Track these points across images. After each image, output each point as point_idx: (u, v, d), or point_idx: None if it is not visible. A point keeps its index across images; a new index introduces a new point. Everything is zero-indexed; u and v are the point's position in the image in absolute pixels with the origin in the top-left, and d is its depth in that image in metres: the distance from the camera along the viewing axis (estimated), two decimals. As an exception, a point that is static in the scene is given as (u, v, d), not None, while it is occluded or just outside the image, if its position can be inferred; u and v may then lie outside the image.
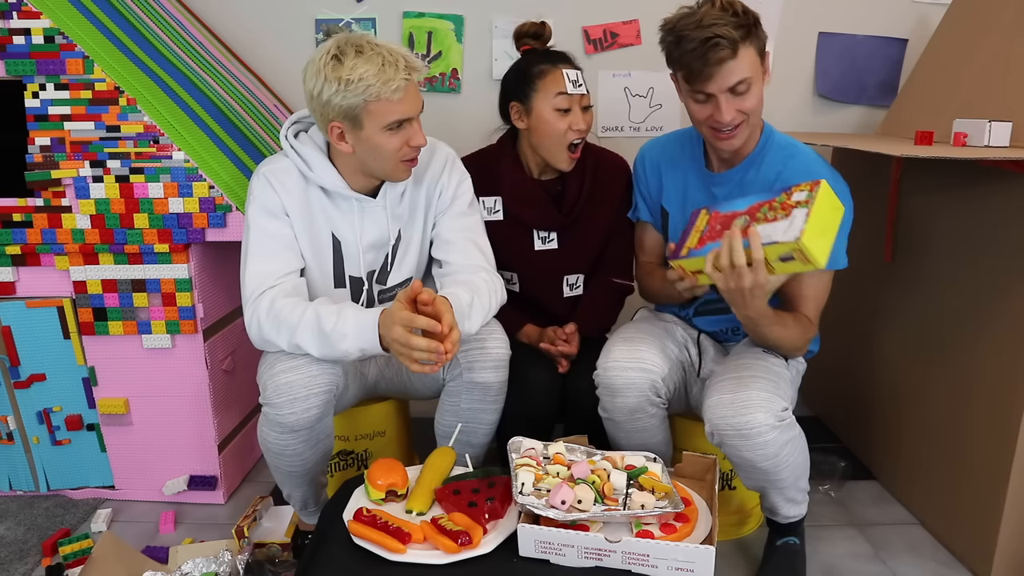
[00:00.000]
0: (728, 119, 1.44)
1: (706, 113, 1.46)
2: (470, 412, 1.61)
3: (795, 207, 1.29)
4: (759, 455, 1.40)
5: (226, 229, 1.76)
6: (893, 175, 1.95)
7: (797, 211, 1.28)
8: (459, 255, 1.61)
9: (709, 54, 1.37)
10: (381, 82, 1.37)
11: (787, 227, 1.27)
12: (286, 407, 1.43)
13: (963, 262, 1.71)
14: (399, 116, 1.42)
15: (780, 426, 1.40)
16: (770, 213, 1.33)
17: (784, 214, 1.30)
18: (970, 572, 1.69)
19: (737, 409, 1.39)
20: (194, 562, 1.53)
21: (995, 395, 1.60)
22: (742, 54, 1.39)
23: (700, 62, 1.39)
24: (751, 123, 1.49)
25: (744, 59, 1.40)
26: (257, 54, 2.31)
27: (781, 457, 1.42)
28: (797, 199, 1.30)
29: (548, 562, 1.26)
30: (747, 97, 1.44)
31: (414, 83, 1.43)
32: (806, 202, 1.28)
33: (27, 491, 1.98)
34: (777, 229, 1.29)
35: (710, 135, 1.51)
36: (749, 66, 1.41)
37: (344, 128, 1.44)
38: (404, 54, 1.41)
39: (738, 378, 1.46)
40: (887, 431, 2.02)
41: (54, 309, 1.83)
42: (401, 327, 1.33)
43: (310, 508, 1.71)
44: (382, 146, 1.44)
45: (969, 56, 1.88)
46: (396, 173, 1.51)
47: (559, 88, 1.70)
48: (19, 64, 1.68)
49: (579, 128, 1.71)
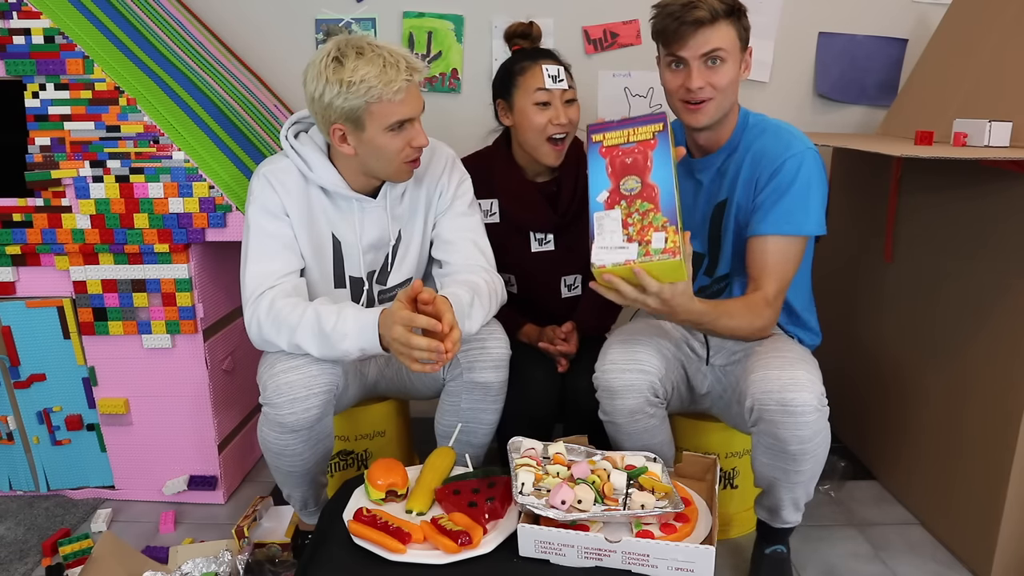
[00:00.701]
0: (696, 85, 1.46)
1: (678, 81, 1.49)
2: (470, 412, 1.61)
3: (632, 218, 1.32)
4: (795, 435, 1.39)
5: (226, 229, 1.76)
6: (893, 175, 1.95)
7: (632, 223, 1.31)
8: (459, 255, 1.61)
9: (686, 14, 1.43)
10: (383, 83, 1.37)
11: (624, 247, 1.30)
12: (286, 407, 1.43)
13: (963, 262, 1.71)
14: (401, 117, 1.42)
15: (821, 410, 1.39)
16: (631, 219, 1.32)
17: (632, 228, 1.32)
18: (970, 572, 1.69)
19: (784, 385, 1.38)
20: (194, 562, 1.53)
21: (995, 395, 1.60)
22: (720, 26, 1.44)
23: (677, 22, 1.44)
24: (721, 103, 1.50)
25: (721, 31, 1.45)
26: (257, 54, 2.31)
27: (813, 444, 1.41)
28: (629, 188, 1.34)
29: (548, 562, 1.26)
30: (720, 71, 1.46)
31: (415, 84, 1.43)
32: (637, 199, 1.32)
33: (27, 491, 1.98)
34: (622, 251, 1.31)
35: (680, 108, 1.53)
36: (725, 40, 1.45)
37: (346, 130, 1.44)
38: (405, 55, 1.41)
39: (783, 357, 1.45)
40: (887, 431, 2.02)
41: (54, 309, 1.83)
42: (401, 327, 1.33)
43: (310, 508, 1.71)
44: (384, 147, 1.44)
45: (969, 56, 1.88)
46: (399, 174, 1.51)
47: (538, 83, 1.73)
48: (19, 64, 1.68)
49: (559, 122, 1.73)
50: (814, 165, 1.50)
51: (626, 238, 1.29)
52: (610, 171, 1.35)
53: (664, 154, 1.33)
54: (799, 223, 1.49)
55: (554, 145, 1.76)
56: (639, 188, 1.32)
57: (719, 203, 1.60)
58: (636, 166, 1.34)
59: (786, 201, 1.48)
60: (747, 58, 1.53)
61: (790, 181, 1.48)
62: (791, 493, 1.51)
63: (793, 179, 1.48)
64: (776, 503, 1.55)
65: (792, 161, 1.49)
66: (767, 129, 1.56)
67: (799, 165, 1.48)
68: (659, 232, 1.28)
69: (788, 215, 1.48)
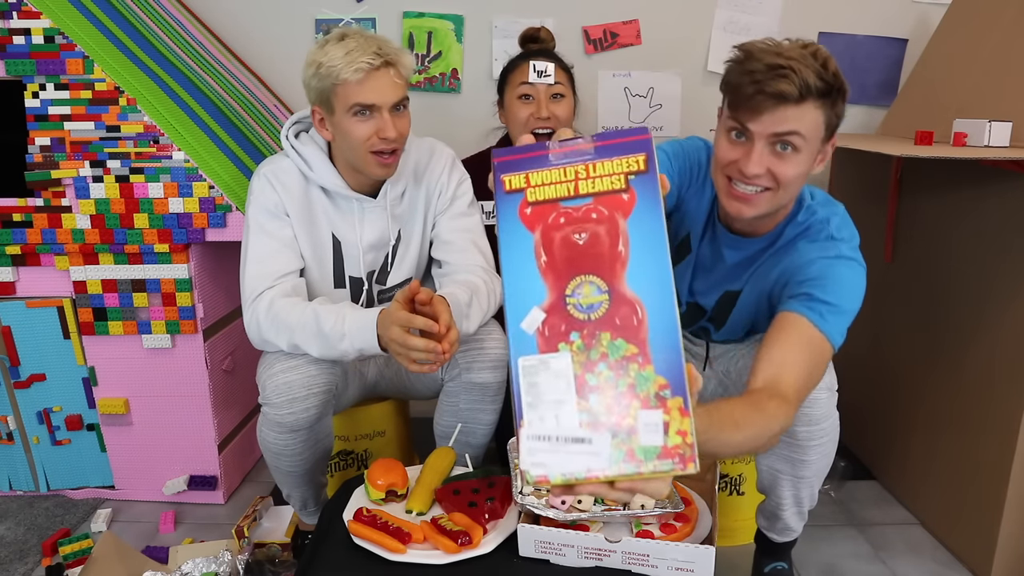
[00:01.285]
0: (752, 171, 1.18)
1: (732, 156, 1.21)
2: (469, 412, 1.61)
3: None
4: (804, 413, 1.28)
5: (226, 229, 1.76)
6: (893, 175, 1.95)
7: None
8: (458, 255, 1.61)
9: (769, 82, 1.12)
10: (345, 63, 1.38)
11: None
12: (285, 407, 1.43)
13: (963, 262, 1.71)
14: (361, 100, 1.41)
15: (830, 394, 1.31)
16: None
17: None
18: (970, 572, 1.69)
19: None
20: (194, 562, 1.53)
21: (995, 395, 1.60)
22: (807, 107, 1.14)
23: (754, 87, 1.14)
24: (777, 198, 1.22)
25: (807, 113, 1.15)
26: (257, 54, 2.31)
27: (821, 428, 1.32)
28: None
29: (548, 562, 1.26)
30: (789, 160, 1.18)
31: (388, 73, 1.42)
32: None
33: (27, 491, 1.98)
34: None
35: (724, 186, 1.25)
36: (808, 125, 1.16)
37: (322, 113, 1.47)
38: (382, 42, 1.42)
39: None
40: (887, 431, 2.02)
41: (54, 309, 1.83)
42: (398, 327, 1.33)
43: (310, 508, 1.71)
44: (350, 132, 1.44)
45: (969, 56, 1.88)
46: (368, 166, 1.48)
47: (523, 79, 1.76)
48: (19, 64, 1.68)
49: (540, 116, 1.75)
50: (858, 266, 1.27)
51: (587, 420, 0.66)
52: (544, 262, 0.69)
53: (651, 222, 0.69)
54: (834, 308, 1.20)
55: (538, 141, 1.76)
56: (605, 305, 0.68)
57: (731, 291, 1.43)
58: (597, 255, 0.69)
59: (824, 284, 1.22)
60: (827, 148, 1.23)
61: (827, 268, 1.24)
62: (795, 491, 1.43)
63: (831, 267, 1.24)
64: (778, 504, 1.47)
65: (830, 253, 1.26)
66: (812, 226, 1.31)
67: (839, 256, 1.26)
68: (651, 410, 0.66)
69: (825, 296, 1.20)
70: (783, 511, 1.49)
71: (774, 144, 1.18)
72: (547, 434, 0.67)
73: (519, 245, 0.70)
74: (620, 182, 0.69)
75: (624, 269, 0.68)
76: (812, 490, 1.45)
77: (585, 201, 0.69)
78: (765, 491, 1.51)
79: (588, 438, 0.66)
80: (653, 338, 0.66)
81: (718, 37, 2.32)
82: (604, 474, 0.65)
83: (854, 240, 1.30)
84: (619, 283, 0.68)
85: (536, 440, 0.67)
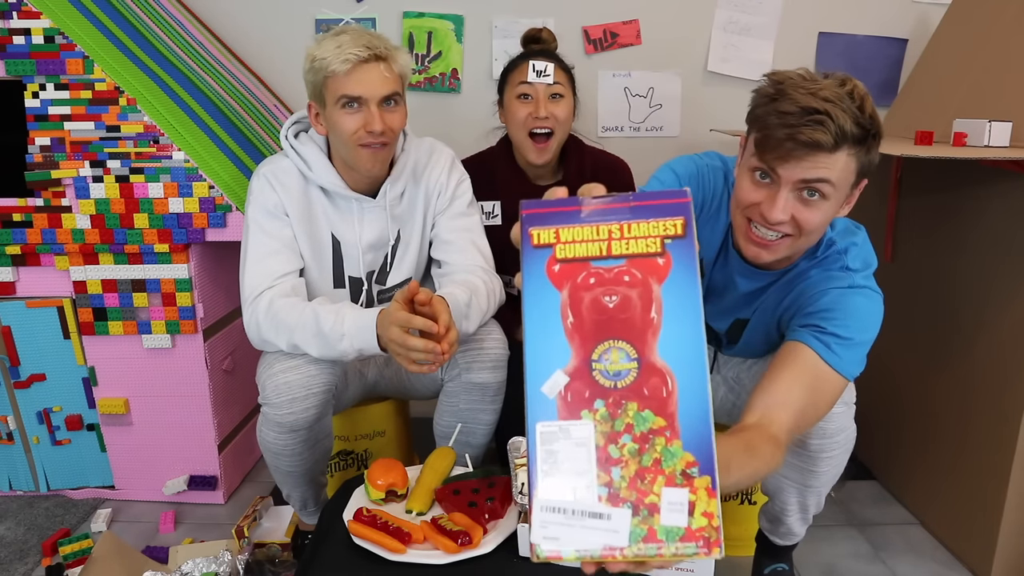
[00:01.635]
0: (776, 218, 1.11)
1: (755, 198, 1.14)
2: (469, 412, 1.61)
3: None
4: (818, 427, 1.25)
5: (226, 229, 1.76)
6: (893, 175, 1.95)
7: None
8: (458, 255, 1.61)
9: (803, 129, 1.05)
10: (334, 56, 1.39)
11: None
12: (285, 407, 1.43)
13: (963, 262, 1.71)
14: (348, 92, 1.41)
15: (846, 408, 1.28)
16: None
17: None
18: (970, 572, 1.69)
19: None
20: (194, 562, 1.53)
21: (995, 395, 1.60)
22: (841, 155, 1.08)
23: (787, 131, 1.06)
24: (798, 245, 1.17)
25: (839, 161, 1.08)
26: (257, 54, 2.31)
27: (835, 441, 1.30)
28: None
29: (548, 562, 1.26)
30: (815, 207, 1.11)
31: (377, 67, 1.42)
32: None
33: (27, 491, 1.98)
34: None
35: (742, 227, 1.19)
36: (838, 172, 1.09)
37: (317, 108, 1.49)
38: (375, 37, 1.43)
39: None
40: (887, 431, 2.02)
41: (54, 309, 1.83)
42: (397, 327, 1.33)
43: (310, 508, 1.71)
44: (338, 125, 1.45)
45: (969, 56, 1.88)
46: (358, 160, 1.48)
47: (522, 78, 1.76)
48: (19, 64, 1.68)
49: (538, 115, 1.74)
50: (875, 295, 1.22)
51: (606, 494, 0.62)
52: (571, 324, 0.65)
53: (687, 290, 0.64)
54: (846, 361, 1.16)
55: (536, 141, 1.76)
56: (633, 374, 0.64)
57: (741, 320, 1.40)
58: (626, 319, 0.65)
59: (834, 313, 1.19)
60: (853, 196, 1.16)
61: (839, 297, 1.20)
62: (801, 498, 1.41)
63: (843, 296, 1.20)
64: (783, 509, 1.44)
65: (842, 283, 1.22)
66: (827, 258, 1.26)
67: (852, 286, 1.22)
68: (676, 488, 0.62)
69: (840, 345, 1.16)
70: (787, 516, 1.47)
71: (801, 191, 1.11)
72: (563, 507, 0.62)
73: (544, 303, 0.65)
74: (656, 245, 0.64)
75: (656, 337, 0.64)
76: (819, 498, 1.43)
77: (618, 263, 0.65)
78: (770, 495, 1.48)
79: (607, 514, 0.61)
80: (683, 412, 0.62)
81: (718, 37, 2.32)
82: (622, 554, 0.60)
83: (870, 268, 1.25)
84: (650, 351, 0.63)
85: (550, 512, 0.62)
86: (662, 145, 2.37)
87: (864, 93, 1.10)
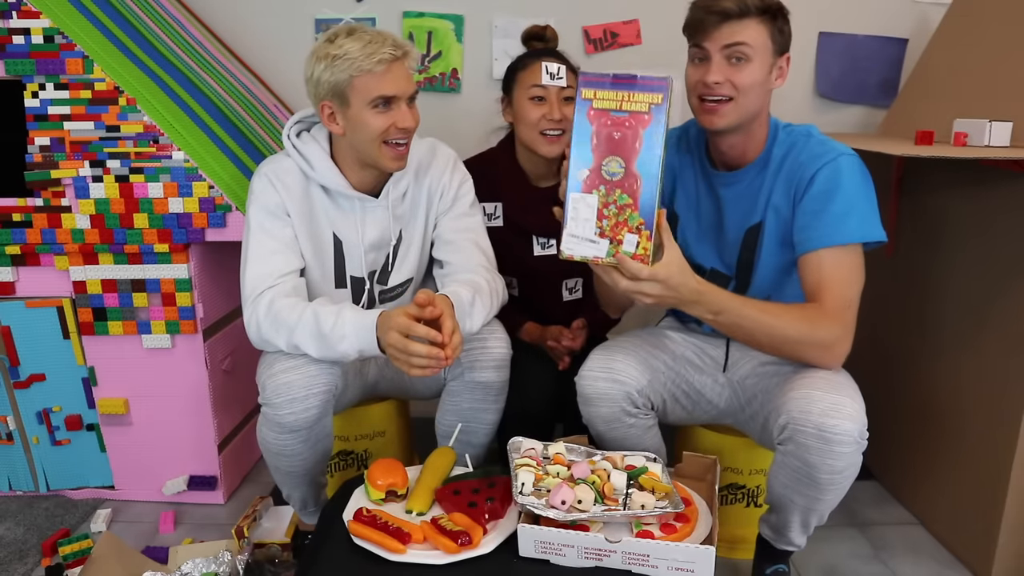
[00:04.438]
0: (714, 79, 1.36)
1: (697, 76, 1.40)
2: (471, 411, 1.61)
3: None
4: (827, 464, 1.28)
5: (226, 229, 1.76)
6: (894, 175, 1.95)
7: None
8: (460, 255, 1.61)
9: (714, 4, 1.35)
10: (365, 56, 1.39)
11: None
12: (285, 407, 1.43)
13: (963, 262, 1.71)
14: (383, 92, 1.42)
15: (860, 443, 1.28)
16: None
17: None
18: (970, 572, 1.69)
19: (826, 409, 1.27)
20: (194, 562, 1.53)
21: (995, 395, 1.60)
22: (750, 22, 1.35)
23: (703, 11, 1.37)
24: (742, 105, 1.38)
25: (750, 27, 1.35)
26: (257, 54, 2.31)
27: (842, 476, 1.31)
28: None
29: (548, 562, 1.26)
30: (743, 69, 1.36)
31: (403, 64, 1.44)
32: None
33: (27, 491, 1.98)
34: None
35: (697, 107, 1.42)
36: (753, 37, 1.36)
37: (334, 107, 1.46)
38: (393, 36, 1.44)
39: (830, 380, 1.33)
40: (887, 431, 2.02)
41: (54, 309, 1.83)
42: (397, 332, 1.33)
43: (310, 508, 1.71)
44: (368, 124, 1.44)
45: (969, 56, 1.88)
46: (382, 159, 1.48)
47: (535, 80, 1.75)
48: (19, 64, 1.68)
49: (552, 118, 1.74)
50: (854, 169, 1.39)
51: (598, 231, 1.19)
52: (595, 143, 1.19)
53: (656, 136, 1.17)
54: (849, 230, 1.36)
55: (547, 138, 1.76)
56: (621, 175, 1.18)
57: (752, 226, 1.49)
58: (623, 145, 1.18)
59: (831, 210, 1.37)
60: (782, 64, 1.42)
61: (830, 189, 1.37)
62: (803, 516, 1.43)
63: (833, 186, 1.37)
64: (784, 523, 1.46)
65: (828, 168, 1.38)
66: (796, 141, 1.45)
67: (836, 171, 1.38)
68: (632, 234, 1.19)
69: (835, 224, 1.36)
70: (789, 531, 1.47)
71: (728, 57, 1.36)
72: (578, 235, 1.21)
73: (583, 132, 1.20)
74: (645, 107, 1.18)
75: (636, 157, 1.18)
76: (822, 516, 1.44)
77: (623, 114, 1.19)
78: (773, 508, 1.49)
79: (598, 241, 1.21)
80: (642, 197, 1.18)
81: (718, 37, 2.32)
82: (601, 259, 1.21)
83: (832, 141, 1.44)
84: (632, 164, 1.19)
85: (572, 237, 1.22)
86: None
87: None
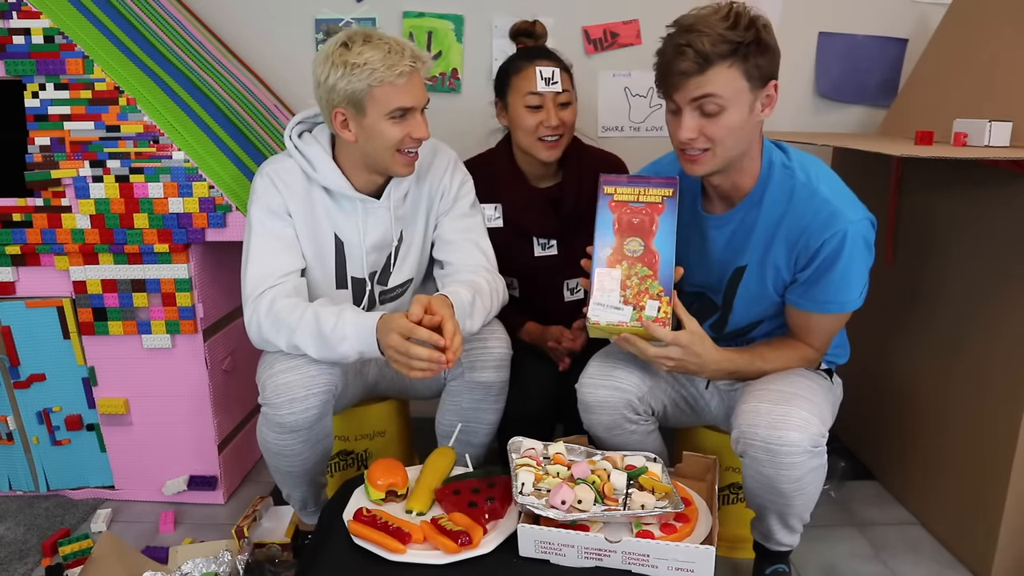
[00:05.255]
0: (685, 136, 1.31)
1: (673, 129, 1.36)
2: (472, 411, 1.61)
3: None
4: (782, 475, 1.30)
5: (226, 229, 1.76)
6: (893, 175, 1.95)
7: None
8: (461, 255, 1.61)
9: (672, 63, 1.28)
10: (386, 67, 1.38)
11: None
12: (285, 407, 1.43)
13: (963, 262, 1.71)
14: (401, 104, 1.42)
15: (812, 452, 1.29)
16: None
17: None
18: (970, 572, 1.69)
19: (772, 422, 1.29)
20: (194, 562, 1.53)
21: (995, 395, 1.60)
22: (715, 72, 1.25)
23: (665, 68, 1.30)
24: (720, 154, 1.33)
25: (715, 78, 1.26)
26: (257, 54, 2.31)
27: (802, 483, 1.32)
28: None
29: (548, 562, 1.26)
30: (716, 121, 1.29)
31: (419, 75, 1.44)
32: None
33: (27, 491, 1.98)
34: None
35: (679, 157, 1.39)
36: (722, 86, 1.26)
37: (348, 115, 1.44)
38: (411, 45, 1.43)
39: (780, 391, 1.35)
40: (887, 431, 2.02)
41: (54, 309, 1.83)
42: (397, 334, 1.33)
43: (310, 508, 1.71)
44: (383, 134, 1.44)
45: (969, 56, 1.88)
46: (394, 166, 1.49)
47: (530, 87, 1.73)
48: (19, 64, 1.68)
49: (549, 124, 1.73)
50: (858, 241, 1.34)
51: (622, 299, 1.35)
52: (616, 227, 1.38)
53: (670, 221, 1.36)
54: (841, 302, 1.39)
55: (546, 144, 1.76)
56: (641, 252, 1.36)
57: (739, 267, 1.47)
58: (642, 228, 1.37)
59: (829, 280, 1.36)
60: (769, 93, 1.32)
61: (833, 260, 1.34)
62: (781, 521, 1.45)
63: (836, 257, 1.34)
64: (767, 529, 1.49)
65: (834, 240, 1.33)
66: (797, 190, 1.37)
67: (842, 243, 1.32)
68: (653, 300, 1.34)
69: (831, 295, 1.38)
70: (774, 533, 1.49)
71: (699, 109, 1.29)
72: (604, 303, 1.36)
73: (605, 219, 1.39)
74: (659, 198, 1.39)
75: (652, 237, 1.37)
76: (802, 516, 1.45)
77: (641, 204, 1.39)
78: (756, 515, 1.50)
79: (622, 308, 1.36)
80: (661, 269, 1.36)
81: (718, 37, 2.32)
82: (626, 324, 1.35)
83: (842, 190, 1.38)
84: (650, 243, 1.37)
85: (598, 306, 1.36)
86: (662, 145, 2.32)
87: (740, 12, 1.27)
